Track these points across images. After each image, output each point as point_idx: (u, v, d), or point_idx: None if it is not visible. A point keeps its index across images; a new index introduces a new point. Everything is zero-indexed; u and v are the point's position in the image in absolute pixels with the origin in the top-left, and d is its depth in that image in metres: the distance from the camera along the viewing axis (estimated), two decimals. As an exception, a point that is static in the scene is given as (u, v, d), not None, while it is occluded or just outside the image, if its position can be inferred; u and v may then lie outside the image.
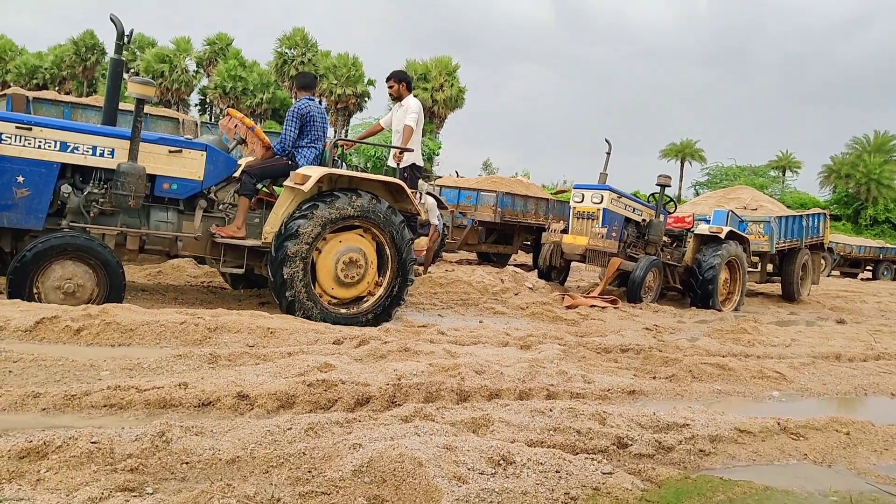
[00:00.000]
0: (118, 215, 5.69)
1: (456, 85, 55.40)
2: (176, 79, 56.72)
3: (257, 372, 3.88)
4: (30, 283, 5.02)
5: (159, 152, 5.73)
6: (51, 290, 5.12)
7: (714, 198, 17.07)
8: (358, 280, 6.20)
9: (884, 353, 6.79)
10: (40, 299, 5.07)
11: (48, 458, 2.43)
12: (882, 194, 52.73)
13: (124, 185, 5.40)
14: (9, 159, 5.15)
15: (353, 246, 6.13)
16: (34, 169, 5.24)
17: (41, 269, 5.05)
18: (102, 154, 5.50)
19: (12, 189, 5.15)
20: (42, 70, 61.14)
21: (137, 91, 5.41)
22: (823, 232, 14.36)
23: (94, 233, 5.49)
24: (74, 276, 5.17)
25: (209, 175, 5.94)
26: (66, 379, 3.61)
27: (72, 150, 5.39)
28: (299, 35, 59.03)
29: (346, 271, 6.09)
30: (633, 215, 10.49)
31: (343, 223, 6.02)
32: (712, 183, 58.79)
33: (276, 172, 6.34)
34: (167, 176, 5.77)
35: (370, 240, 6.27)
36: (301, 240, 5.75)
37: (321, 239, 5.93)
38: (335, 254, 6.04)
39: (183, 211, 5.98)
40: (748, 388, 4.98)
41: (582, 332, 6.70)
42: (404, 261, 6.35)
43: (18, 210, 5.21)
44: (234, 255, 6.09)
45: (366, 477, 2.49)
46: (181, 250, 6.02)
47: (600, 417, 3.54)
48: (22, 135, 5.20)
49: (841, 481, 3.18)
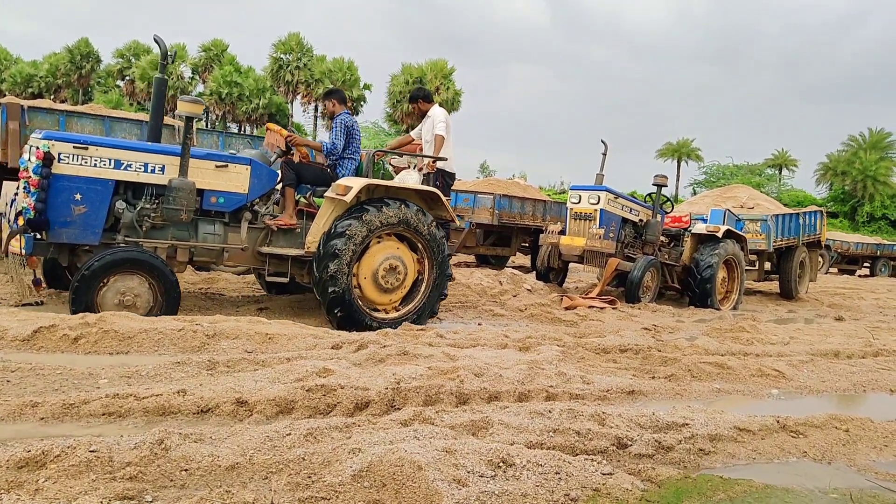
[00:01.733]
0: (169, 229, 5.90)
1: (452, 88, 55.46)
2: (171, 85, 56.65)
3: (256, 378, 3.87)
4: (92, 296, 5.22)
5: (207, 167, 5.93)
6: (111, 302, 5.31)
7: (711, 197, 17.09)
8: (397, 286, 6.42)
9: (882, 350, 6.80)
10: (102, 311, 5.17)
11: (47, 467, 2.43)
12: (878, 191, 52.85)
13: (176, 199, 5.60)
14: (67, 178, 5.34)
15: (392, 253, 6.36)
16: (91, 186, 5.44)
17: (103, 283, 5.26)
18: (154, 170, 5.70)
19: (70, 206, 5.35)
20: (37, 79, 61.08)
21: (186, 109, 5.57)
22: (820, 229, 14.39)
23: (147, 246, 5.70)
24: (133, 289, 5.38)
25: (253, 188, 6.16)
26: (65, 388, 3.61)
27: (125, 167, 5.59)
28: (294, 40, 59.06)
29: (387, 277, 6.31)
30: (631, 216, 10.50)
31: (383, 231, 6.24)
32: (709, 182, 58.93)
33: (313, 174, 6.56)
34: (215, 190, 5.98)
35: (407, 247, 6.49)
36: (344, 249, 5.93)
37: (363, 247, 6.11)
38: (376, 261, 6.26)
39: (228, 223, 6.18)
40: (747, 387, 4.98)
41: (581, 333, 6.70)
42: (441, 267, 6.59)
43: (76, 226, 5.41)
44: (279, 265, 6.31)
45: (365, 481, 2.48)
46: (227, 261, 6.23)
47: (599, 418, 3.54)
48: (79, 154, 5.39)
49: (841, 478, 3.18)
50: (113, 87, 61.72)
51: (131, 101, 57.71)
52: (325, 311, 6.11)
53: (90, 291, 5.21)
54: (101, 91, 60.62)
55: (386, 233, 6.29)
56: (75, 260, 5.69)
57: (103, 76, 62.97)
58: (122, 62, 61.31)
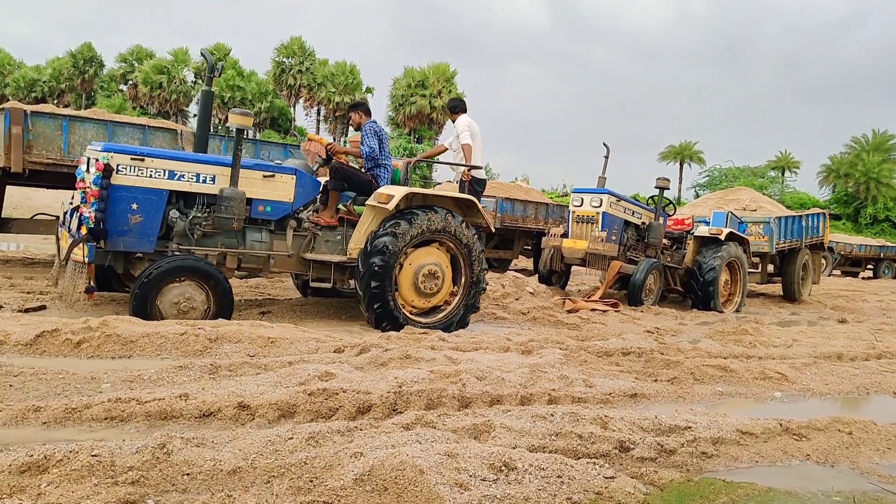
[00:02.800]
0: (218, 237, 6.10)
1: (454, 91, 55.54)
2: (174, 89, 56.84)
3: (258, 382, 3.88)
4: (151, 303, 5.43)
5: (255, 177, 6.14)
6: (168, 307, 5.51)
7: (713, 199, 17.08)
8: (436, 291, 6.65)
9: (886, 352, 6.78)
10: (160, 317, 5.44)
11: (49, 471, 2.43)
12: (881, 193, 52.75)
13: (228, 208, 5.84)
14: (125, 188, 5.55)
15: (431, 259, 6.58)
16: (146, 196, 5.64)
17: (161, 289, 5.46)
18: (205, 181, 5.91)
19: (127, 216, 5.56)
20: (40, 83, 61.27)
21: (237, 122, 5.80)
22: (823, 231, 14.36)
23: (199, 254, 5.92)
24: (189, 295, 5.59)
25: (298, 197, 6.38)
26: (67, 392, 3.61)
27: (178, 177, 5.79)
28: (297, 44, 59.20)
29: (426, 283, 6.55)
30: (633, 218, 10.49)
31: (423, 238, 6.45)
32: (712, 184, 58.86)
33: (359, 182, 6.81)
34: (262, 199, 6.20)
35: (444, 252, 6.72)
36: (387, 254, 6.16)
37: (403, 253, 6.33)
38: (415, 267, 6.48)
39: (274, 231, 6.40)
40: (750, 390, 4.97)
41: (583, 336, 6.69)
42: (477, 272, 6.81)
43: (132, 235, 5.62)
44: (322, 270, 6.54)
45: (367, 485, 2.48)
46: (273, 267, 6.44)
47: (602, 421, 3.53)
48: (136, 165, 5.60)
49: (844, 481, 3.17)
50: (116, 91, 61.86)
51: (134, 105, 57.82)
52: (366, 314, 6.32)
53: (150, 298, 5.41)
54: (105, 95, 60.74)
55: (425, 240, 6.50)
56: (128, 267, 5.89)
57: (106, 80, 63.13)
58: (125, 66, 61.44)
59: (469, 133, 8.07)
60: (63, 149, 8.13)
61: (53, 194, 11.60)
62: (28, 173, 8.03)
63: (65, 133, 8.14)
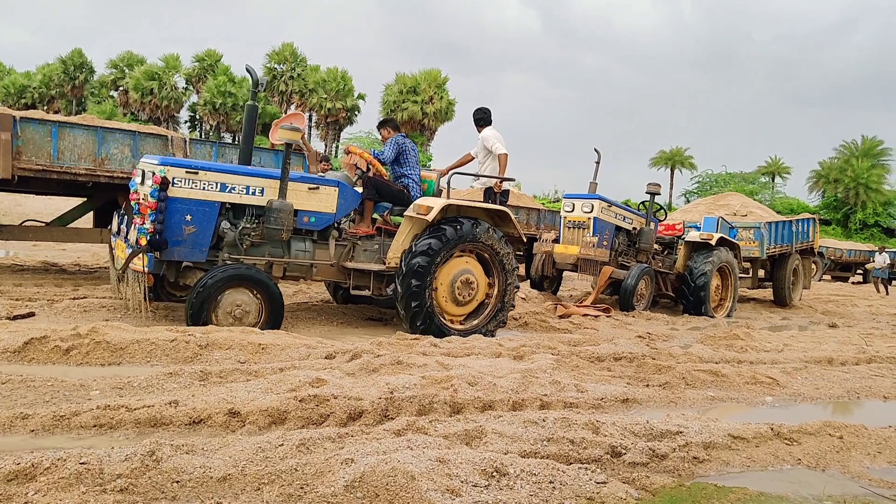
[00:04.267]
0: (265, 246, 6.29)
1: (445, 97, 55.63)
2: (165, 96, 56.69)
3: (248, 388, 3.85)
4: (208, 310, 5.59)
5: (301, 189, 6.33)
6: (223, 315, 5.68)
7: (704, 205, 17.17)
8: (470, 299, 6.83)
9: (875, 357, 6.81)
10: (215, 324, 5.59)
11: (36, 479, 2.41)
12: (871, 198, 53.14)
13: (277, 219, 6.01)
14: (180, 200, 5.73)
15: (466, 268, 6.77)
16: (200, 208, 5.83)
17: (217, 297, 5.64)
18: (254, 193, 6.11)
19: (182, 227, 5.76)
20: (30, 89, 61.01)
21: (285, 136, 5.98)
22: (813, 237, 14.45)
23: (247, 263, 6.09)
24: (243, 303, 5.77)
25: (340, 208, 6.61)
26: (56, 399, 3.58)
27: (230, 190, 5.99)
28: (288, 50, 59.20)
29: (462, 291, 6.73)
30: (624, 224, 10.52)
31: (460, 248, 6.65)
32: (702, 190, 59.11)
33: (392, 192, 7.08)
34: (307, 210, 6.40)
35: (478, 262, 6.91)
36: (425, 263, 6.33)
37: (441, 263, 6.50)
38: (452, 275, 6.67)
39: (316, 241, 6.62)
40: (741, 394, 4.98)
41: (575, 342, 6.69)
42: (510, 281, 7.00)
43: (187, 245, 5.81)
44: (360, 279, 6.75)
45: (358, 492, 2.47)
46: (315, 275, 6.64)
47: (594, 427, 3.53)
48: (190, 178, 5.78)
49: (835, 485, 3.18)
50: (107, 97, 61.66)
51: (125, 111, 57.64)
52: (405, 321, 6.47)
53: (206, 305, 5.58)
54: (95, 102, 60.55)
55: (460, 249, 6.68)
56: (179, 276, 6.06)
57: (97, 87, 62.92)
58: (116, 72, 61.26)
59: (503, 144, 8.34)
60: (52, 155, 8.08)
61: (43, 201, 11.56)
62: (17, 180, 7.96)
63: (54, 139, 8.09)
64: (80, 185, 8.56)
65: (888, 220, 53.94)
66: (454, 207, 6.73)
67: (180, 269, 6.03)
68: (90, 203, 9.51)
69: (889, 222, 53.94)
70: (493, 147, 8.41)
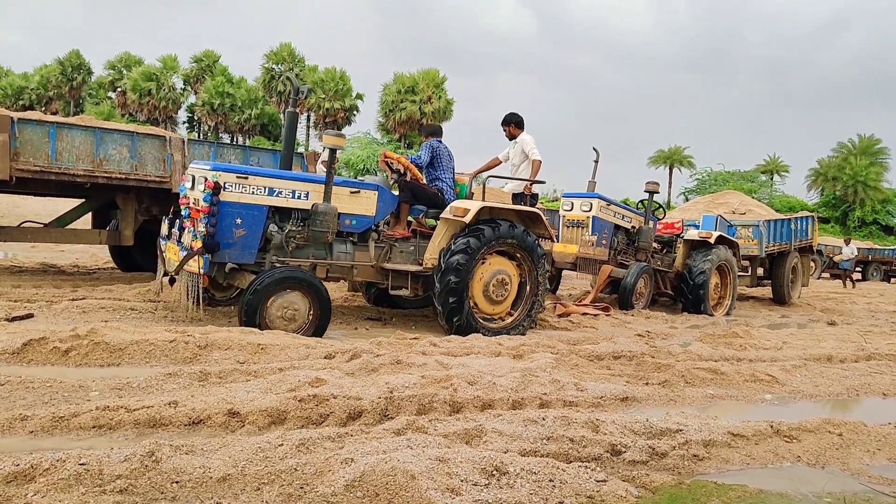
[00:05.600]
0: (309, 248, 6.49)
1: (444, 97, 55.67)
2: (163, 96, 56.71)
3: (248, 388, 3.85)
4: (261, 311, 5.72)
5: (342, 193, 6.53)
6: (275, 316, 5.82)
7: (703, 203, 17.20)
8: (504, 298, 7.03)
9: (874, 354, 6.81)
10: (266, 324, 5.73)
11: (36, 481, 2.40)
12: (869, 196, 53.24)
13: (322, 223, 6.23)
14: (231, 204, 5.91)
15: (500, 268, 6.97)
16: (250, 212, 6.02)
17: (270, 298, 5.77)
18: (300, 197, 6.31)
19: (233, 230, 5.94)
20: (28, 91, 61.00)
21: (330, 142, 6.27)
22: (812, 235, 14.44)
23: (292, 265, 6.25)
24: (294, 304, 5.89)
25: (380, 211, 6.84)
26: (55, 400, 3.58)
27: (277, 194, 6.19)
28: (286, 50, 59.22)
29: (497, 290, 6.94)
30: (623, 222, 10.52)
31: (494, 249, 6.85)
32: (701, 188, 59.19)
33: (427, 196, 7.27)
34: (349, 213, 6.61)
35: (511, 262, 7.11)
36: (464, 261, 6.53)
37: (477, 263, 6.69)
38: (487, 275, 6.86)
39: (356, 243, 6.84)
40: (741, 392, 4.98)
41: (574, 340, 6.69)
42: (540, 280, 7.19)
43: (237, 247, 6.00)
44: (397, 279, 6.95)
45: (358, 491, 2.47)
46: (356, 276, 6.87)
47: (593, 425, 3.53)
48: (240, 183, 5.97)
49: (835, 482, 3.18)
50: (104, 98, 61.64)
51: (123, 112, 57.59)
52: (442, 317, 6.62)
53: (259, 307, 5.70)
54: (93, 103, 60.51)
55: (496, 250, 6.88)
56: (227, 278, 6.28)
57: (95, 88, 62.91)
58: (114, 74, 61.25)
59: (538, 149, 8.67)
60: (50, 156, 8.07)
61: (41, 202, 11.54)
62: (15, 181, 7.95)
63: (52, 140, 8.08)
64: (79, 186, 8.55)
65: (886, 217, 54.05)
66: (487, 209, 6.91)
67: (225, 271, 6.21)
68: (88, 204, 9.50)
69: (887, 220, 54.04)
70: (530, 152, 8.71)
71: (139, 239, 9.39)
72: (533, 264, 7.12)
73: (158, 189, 8.92)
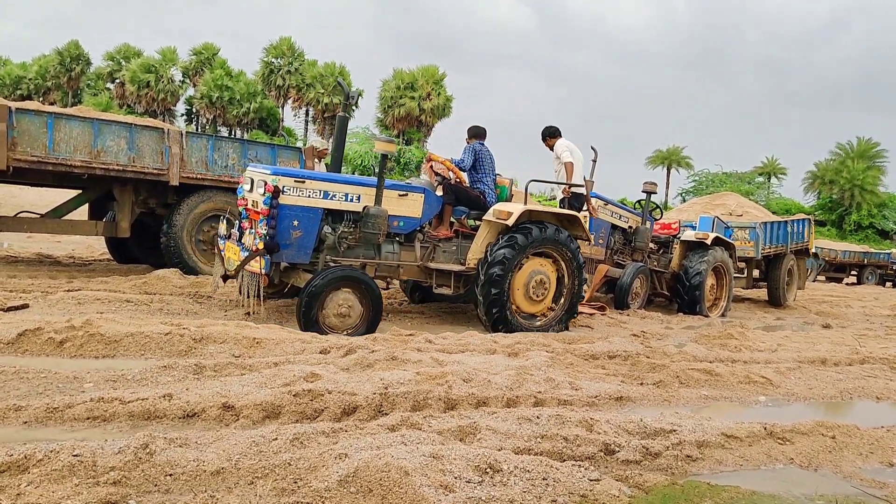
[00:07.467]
0: (359, 248, 6.72)
1: (443, 94, 55.53)
2: (162, 89, 56.48)
3: (243, 382, 3.85)
4: (318, 308, 5.92)
5: (391, 196, 6.73)
6: (330, 314, 6.02)
7: (700, 204, 17.19)
8: (543, 297, 7.29)
9: (868, 357, 6.83)
10: (322, 321, 5.95)
11: (29, 471, 2.40)
12: (866, 200, 53.31)
13: (374, 224, 6.46)
14: (289, 207, 6.14)
15: (539, 269, 7.21)
16: (306, 214, 6.25)
17: (326, 296, 5.97)
18: (352, 199, 6.52)
19: (290, 232, 6.16)
20: (26, 81, 60.72)
21: (381, 148, 6.43)
22: (808, 237, 14.47)
23: (345, 264, 6.45)
24: (349, 302, 6.10)
25: (425, 213, 7.07)
26: (49, 391, 3.57)
27: (331, 197, 6.40)
28: (286, 44, 59.00)
29: (536, 290, 7.20)
30: (620, 222, 10.52)
31: (535, 250, 7.08)
32: (699, 189, 59.22)
33: (469, 198, 7.46)
34: (397, 215, 6.81)
35: (550, 263, 7.35)
36: (504, 264, 6.77)
37: (518, 264, 6.94)
38: (527, 276, 7.10)
39: (402, 243, 7.07)
40: (735, 394, 4.99)
41: (569, 339, 6.69)
42: (578, 279, 7.44)
43: (293, 248, 6.23)
44: (441, 278, 7.17)
45: (352, 487, 2.47)
46: (402, 275, 7.12)
47: (587, 424, 3.53)
48: (298, 186, 6.19)
49: (827, 485, 3.19)
50: (103, 89, 61.40)
51: (121, 103, 57.39)
52: (481, 307, 6.82)
53: (317, 304, 5.89)
54: (91, 94, 60.29)
55: (536, 251, 7.11)
56: (282, 277, 6.54)
57: (93, 79, 62.64)
58: (113, 65, 60.98)
59: (570, 153, 8.93)
60: (48, 146, 8.04)
61: (38, 192, 11.50)
62: (12, 171, 7.93)
63: (50, 131, 8.05)
64: (76, 177, 8.53)
65: (882, 221, 54.15)
66: (526, 212, 7.09)
67: (281, 270, 6.43)
68: (85, 195, 9.46)
69: (883, 224, 54.14)
70: (561, 155, 9.00)
71: (135, 231, 9.37)
72: (571, 265, 7.37)
73: (156, 181, 8.91)
